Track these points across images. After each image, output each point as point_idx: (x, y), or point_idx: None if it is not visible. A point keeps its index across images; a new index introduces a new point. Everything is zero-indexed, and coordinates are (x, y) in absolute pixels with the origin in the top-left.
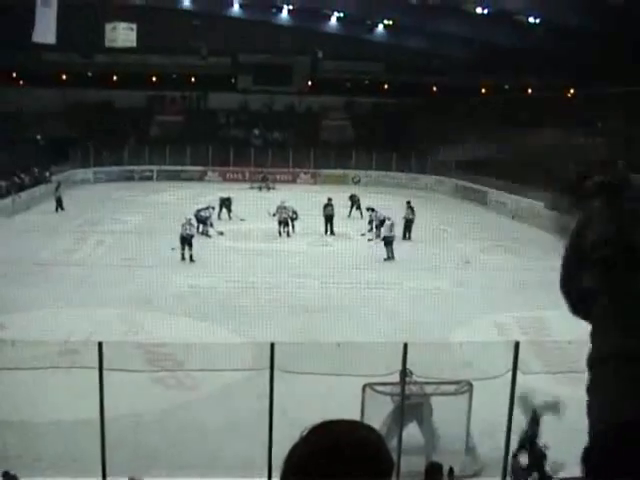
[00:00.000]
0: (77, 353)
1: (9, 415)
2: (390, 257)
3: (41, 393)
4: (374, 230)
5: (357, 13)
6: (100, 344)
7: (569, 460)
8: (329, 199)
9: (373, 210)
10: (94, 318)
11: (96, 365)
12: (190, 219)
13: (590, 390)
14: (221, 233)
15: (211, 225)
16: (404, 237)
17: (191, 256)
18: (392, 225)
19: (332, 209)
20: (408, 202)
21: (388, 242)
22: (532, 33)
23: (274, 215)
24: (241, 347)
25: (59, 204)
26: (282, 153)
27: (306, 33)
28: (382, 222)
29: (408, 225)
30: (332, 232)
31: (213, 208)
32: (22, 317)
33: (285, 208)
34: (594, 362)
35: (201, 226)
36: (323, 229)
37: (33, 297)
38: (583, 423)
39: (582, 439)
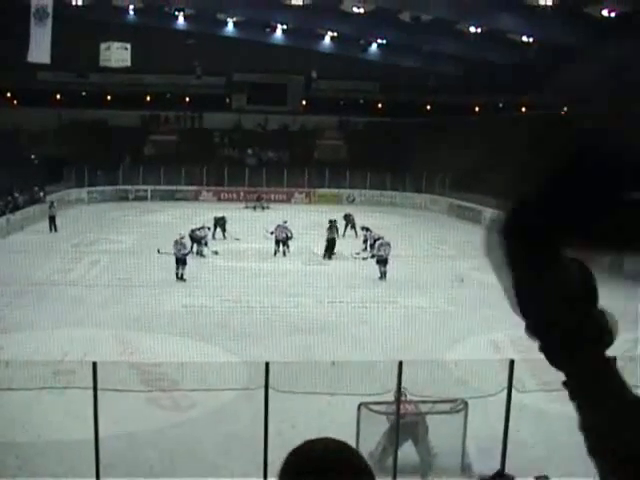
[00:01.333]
0: (72, 373)
1: (3, 436)
2: (382, 276)
3: (36, 413)
4: (368, 249)
5: (351, 32)
6: (94, 364)
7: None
8: (331, 221)
9: (368, 229)
10: (89, 338)
11: (91, 385)
12: (182, 238)
13: None
14: (216, 253)
15: (206, 245)
16: (324, 257)
17: (182, 275)
18: (388, 245)
19: (335, 231)
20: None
21: (381, 261)
22: (526, 51)
23: (272, 233)
24: (236, 366)
25: (52, 223)
26: (276, 172)
27: (300, 52)
28: (376, 241)
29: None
30: (330, 256)
31: (208, 228)
32: (17, 337)
33: (286, 228)
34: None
35: (196, 246)
36: (322, 252)
37: (28, 317)
38: (575, 439)
39: (573, 455)
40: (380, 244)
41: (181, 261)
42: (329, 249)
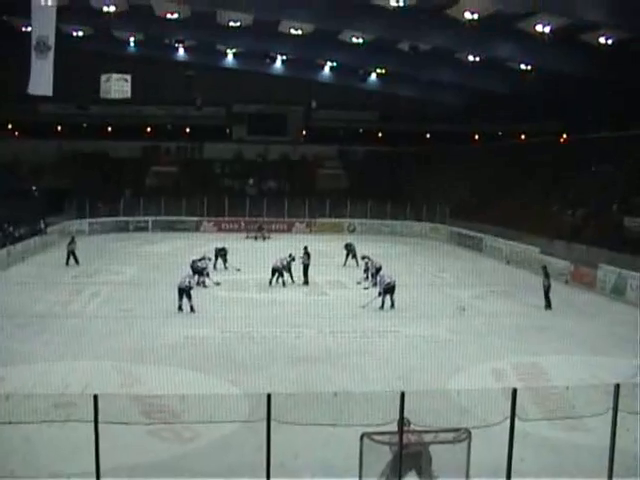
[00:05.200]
0: (73, 405)
1: (3, 469)
2: (382, 306)
3: (36, 447)
4: (370, 278)
5: (350, 62)
6: (96, 397)
7: None
8: (305, 248)
9: (368, 258)
10: (90, 370)
11: (92, 418)
12: (189, 272)
13: None
14: (218, 283)
15: (207, 275)
16: (306, 282)
17: (192, 307)
18: (390, 278)
19: (308, 258)
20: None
21: (388, 290)
22: (524, 79)
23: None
24: (238, 398)
25: (74, 257)
26: (277, 202)
27: (300, 83)
28: (378, 270)
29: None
30: (306, 282)
31: (210, 259)
32: (18, 370)
33: (288, 259)
34: None
35: (197, 277)
36: (303, 278)
37: (29, 349)
38: (578, 467)
39: None
40: (383, 275)
41: (185, 293)
42: (305, 275)
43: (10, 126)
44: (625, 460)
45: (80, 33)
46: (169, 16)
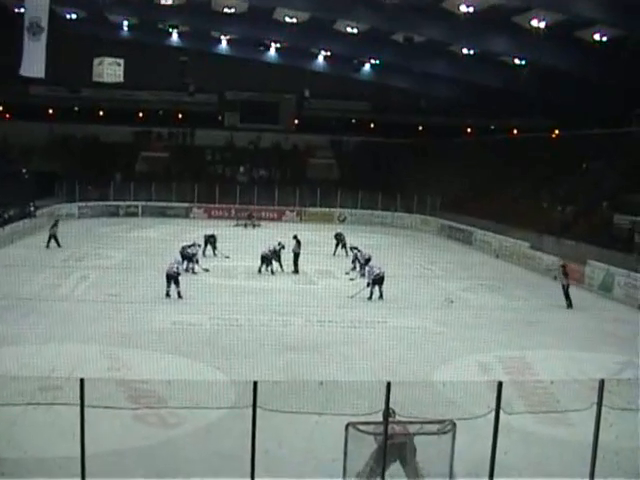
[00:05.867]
0: (59, 389)
1: None
2: (371, 297)
3: (22, 429)
4: (358, 269)
5: (344, 52)
6: (82, 381)
7: None
8: (295, 236)
9: (357, 249)
10: (77, 354)
11: (78, 401)
12: (177, 259)
13: None
14: (206, 270)
15: (197, 262)
16: (296, 271)
17: (179, 293)
18: (379, 269)
19: (298, 246)
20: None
21: (376, 281)
22: (518, 74)
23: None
24: (224, 385)
25: (55, 241)
26: (268, 190)
27: (293, 71)
28: (367, 261)
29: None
30: (297, 270)
31: (199, 245)
32: (4, 352)
33: (277, 246)
34: None
35: (186, 263)
36: (293, 266)
37: (15, 332)
38: (561, 462)
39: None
40: (372, 266)
41: (173, 279)
42: (295, 264)
43: (1, 107)
44: (607, 456)
45: (74, 16)
46: (163, 1)
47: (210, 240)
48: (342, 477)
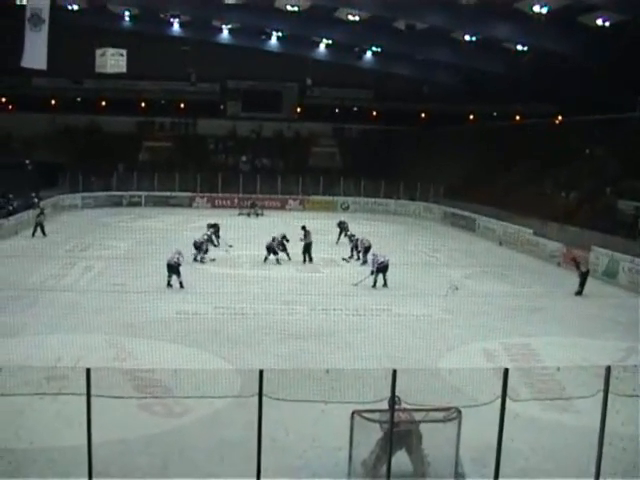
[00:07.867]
0: (65, 379)
1: None
2: (375, 284)
3: (28, 419)
4: (356, 255)
5: (346, 40)
6: (88, 370)
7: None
8: (304, 227)
9: (355, 237)
10: (82, 344)
11: (84, 391)
12: (178, 249)
13: None
14: (213, 259)
15: (206, 252)
16: (304, 261)
17: (181, 283)
18: (383, 257)
19: (309, 236)
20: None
21: (381, 269)
22: (520, 60)
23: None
24: (230, 374)
25: (41, 229)
26: (270, 179)
27: (295, 60)
28: (367, 249)
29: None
30: (310, 260)
31: (209, 236)
32: (10, 342)
33: (280, 238)
34: None
35: (196, 252)
36: (308, 256)
37: (21, 322)
38: (567, 448)
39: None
40: (376, 254)
41: (174, 269)
42: (307, 253)
43: (4, 99)
44: (614, 442)
45: (75, 7)
46: None
47: (213, 229)
48: (348, 465)
